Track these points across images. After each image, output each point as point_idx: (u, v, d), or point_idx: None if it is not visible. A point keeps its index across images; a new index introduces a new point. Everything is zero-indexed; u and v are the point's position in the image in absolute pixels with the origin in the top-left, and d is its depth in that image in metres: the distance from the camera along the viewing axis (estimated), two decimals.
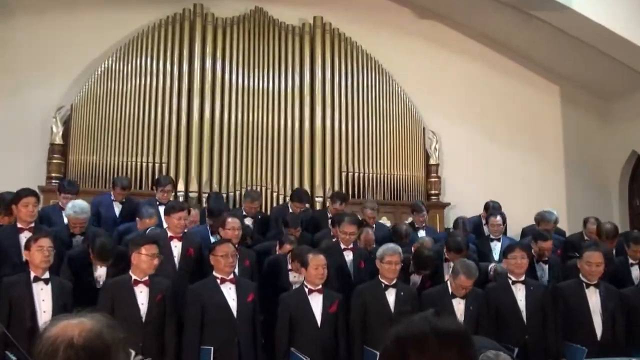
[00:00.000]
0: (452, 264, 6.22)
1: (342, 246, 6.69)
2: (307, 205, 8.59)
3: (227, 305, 5.40)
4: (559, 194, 11.58)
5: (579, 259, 6.20)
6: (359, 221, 6.88)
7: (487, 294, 6.04)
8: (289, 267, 6.49)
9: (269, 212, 9.38)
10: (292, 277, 6.43)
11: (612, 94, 11.87)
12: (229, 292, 5.49)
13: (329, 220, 7.87)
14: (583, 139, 11.97)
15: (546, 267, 7.08)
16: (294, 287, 6.18)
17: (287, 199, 9.07)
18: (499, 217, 8.15)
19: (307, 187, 10.28)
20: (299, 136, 10.68)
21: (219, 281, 5.51)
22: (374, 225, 8.21)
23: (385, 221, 9.70)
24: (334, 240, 6.98)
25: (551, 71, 12.01)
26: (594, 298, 5.97)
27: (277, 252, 6.89)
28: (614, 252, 7.37)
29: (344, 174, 10.70)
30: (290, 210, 8.11)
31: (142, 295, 5.29)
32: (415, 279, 6.71)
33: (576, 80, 11.99)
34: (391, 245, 6.11)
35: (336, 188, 10.44)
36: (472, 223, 8.82)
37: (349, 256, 6.67)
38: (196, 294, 5.42)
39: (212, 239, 6.86)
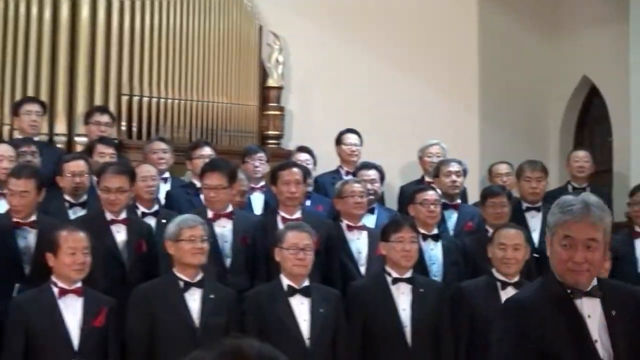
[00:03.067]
0: None
1: (108, 216, 6.75)
2: None
3: None
4: (470, 139, 11.80)
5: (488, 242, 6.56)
6: (131, 169, 7.02)
7: (351, 296, 6.32)
8: None
9: None
10: None
11: None
12: None
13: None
14: (509, 58, 12.25)
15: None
16: None
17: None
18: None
19: (62, 115, 10.20)
20: (50, 33, 10.40)
21: None
22: (167, 177, 8.48)
23: (190, 177, 9.34)
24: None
25: None
26: None
27: None
28: None
29: (125, 99, 10.57)
30: None
31: None
32: None
33: None
34: (190, 215, 6.36)
35: None
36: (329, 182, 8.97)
37: (120, 232, 6.79)
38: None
39: None
